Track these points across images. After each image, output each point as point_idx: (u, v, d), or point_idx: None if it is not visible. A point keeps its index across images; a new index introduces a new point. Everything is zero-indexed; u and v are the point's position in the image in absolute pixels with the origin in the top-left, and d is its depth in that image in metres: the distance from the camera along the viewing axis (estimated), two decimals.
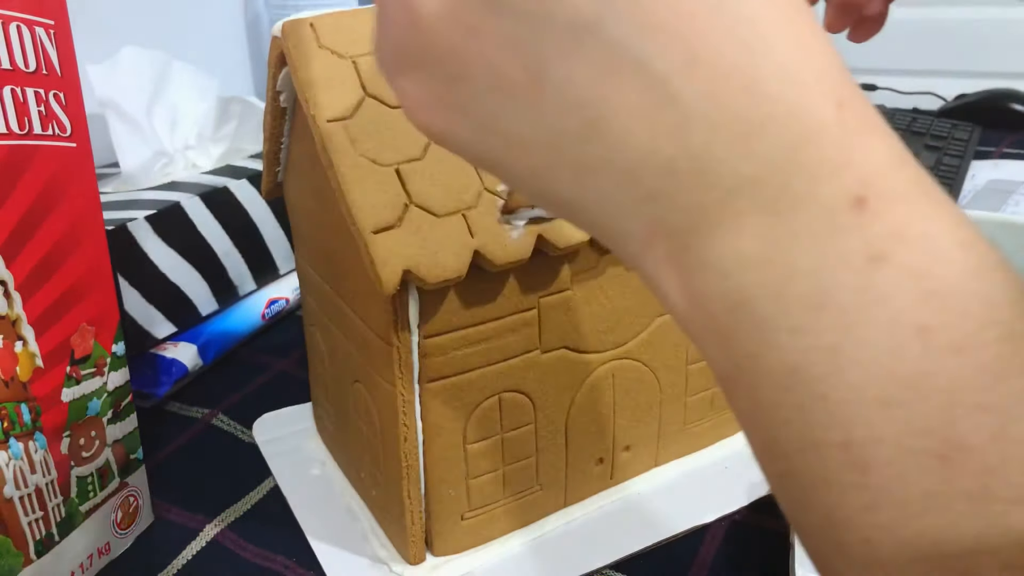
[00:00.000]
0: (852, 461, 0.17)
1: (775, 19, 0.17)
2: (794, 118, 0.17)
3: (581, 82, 0.18)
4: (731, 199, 0.17)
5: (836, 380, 0.17)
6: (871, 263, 0.16)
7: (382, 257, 0.33)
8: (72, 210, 0.37)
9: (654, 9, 0.17)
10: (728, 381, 0.19)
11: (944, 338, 0.16)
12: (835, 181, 0.17)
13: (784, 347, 0.17)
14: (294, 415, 0.53)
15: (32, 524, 0.37)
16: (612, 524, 0.43)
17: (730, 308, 0.18)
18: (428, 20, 0.19)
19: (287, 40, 0.35)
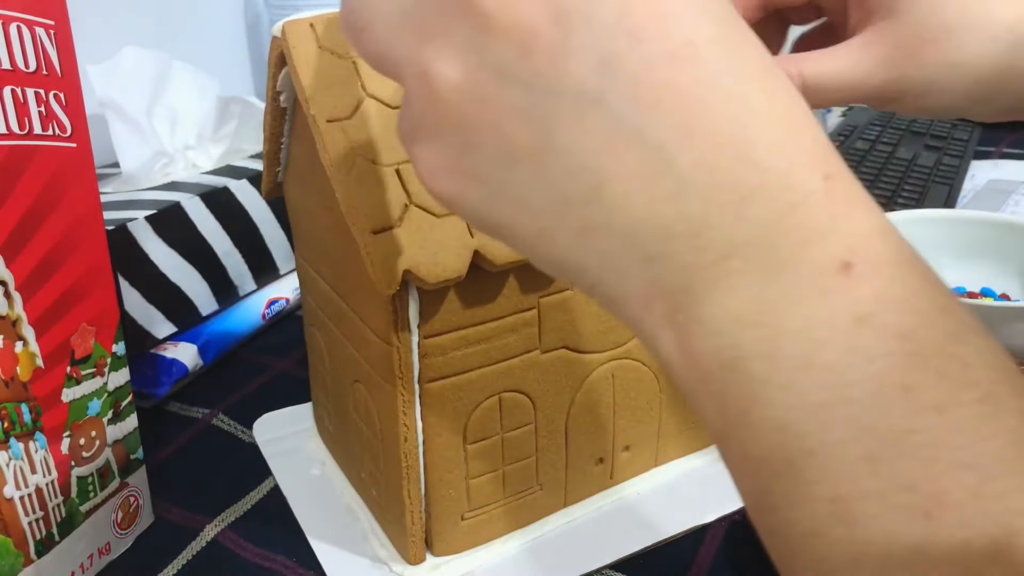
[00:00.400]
0: (840, 515, 0.17)
1: (765, 97, 0.19)
2: (784, 187, 0.18)
3: (584, 150, 0.19)
4: (724, 261, 0.18)
5: (824, 436, 0.17)
6: (857, 324, 0.17)
7: (382, 257, 0.33)
8: (72, 210, 0.37)
9: (653, 85, 0.18)
10: (722, 437, 0.20)
11: (926, 397, 0.17)
12: (822, 246, 0.18)
13: (774, 404, 0.18)
14: (294, 415, 0.53)
15: (32, 524, 0.37)
16: (612, 524, 0.43)
17: (723, 365, 0.19)
18: (444, 91, 0.20)
19: (287, 40, 0.35)
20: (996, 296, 0.60)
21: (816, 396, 0.17)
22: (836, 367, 0.17)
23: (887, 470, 0.17)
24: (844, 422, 0.17)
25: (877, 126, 0.97)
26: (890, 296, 0.17)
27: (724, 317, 0.18)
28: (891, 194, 0.79)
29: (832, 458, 0.17)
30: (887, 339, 0.17)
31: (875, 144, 0.91)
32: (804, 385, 0.18)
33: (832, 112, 1.08)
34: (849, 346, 0.17)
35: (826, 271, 0.18)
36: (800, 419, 0.18)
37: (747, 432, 0.19)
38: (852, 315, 0.17)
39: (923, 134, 0.94)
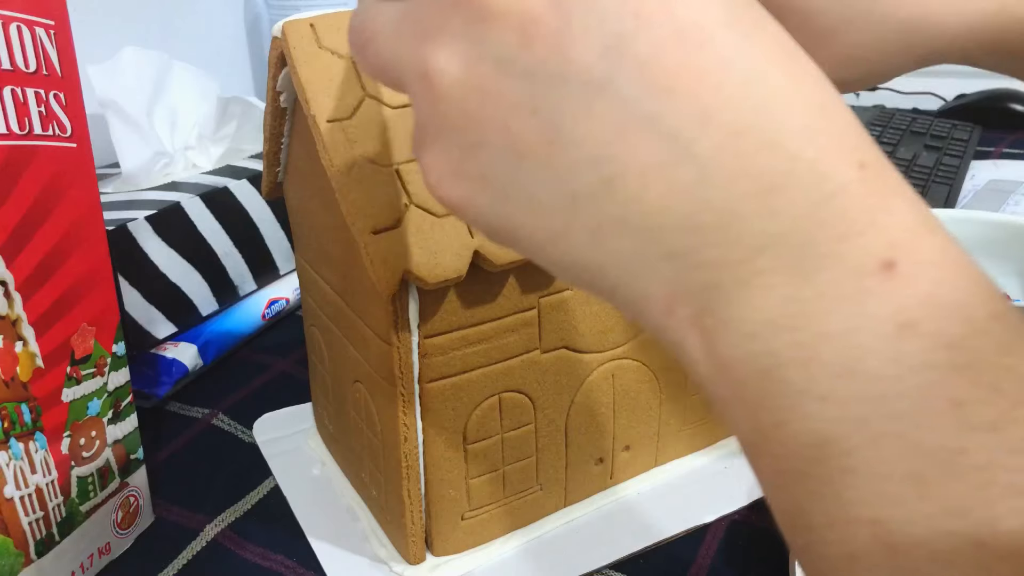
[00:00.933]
0: (881, 540, 0.16)
1: (788, 80, 0.17)
2: (815, 175, 0.16)
3: (595, 140, 0.18)
4: (755, 256, 0.17)
5: (866, 454, 0.16)
6: (902, 330, 0.16)
7: (382, 257, 0.33)
8: (72, 210, 0.37)
9: (664, 67, 0.17)
10: (753, 448, 0.18)
11: (979, 414, 0.15)
12: (861, 242, 0.16)
13: (812, 416, 0.16)
14: (294, 415, 0.53)
15: (32, 524, 0.37)
16: (612, 524, 0.43)
17: (756, 373, 0.17)
18: (444, 88, 0.19)
19: (287, 40, 0.35)
20: None
21: (858, 409, 0.16)
22: (880, 377, 0.16)
23: (935, 493, 0.15)
24: (888, 438, 0.16)
25: (877, 126, 0.97)
26: (938, 300, 0.16)
27: (757, 319, 0.17)
28: None
29: (875, 477, 0.16)
30: (936, 348, 0.16)
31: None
32: (845, 396, 0.16)
33: None
34: (894, 355, 0.16)
35: (867, 270, 0.16)
36: (841, 434, 0.16)
37: (782, 447, 0.17)
38: (896, 320, 0.16)
39: (923, 134, 0.94)
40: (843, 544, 0.17)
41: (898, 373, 0.16)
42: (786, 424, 0.17)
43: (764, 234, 0.17)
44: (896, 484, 0.16)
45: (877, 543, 0.16)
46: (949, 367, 0.16)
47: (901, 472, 0.16)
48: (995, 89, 1.05)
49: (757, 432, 0.18)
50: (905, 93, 1.12)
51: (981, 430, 0.15)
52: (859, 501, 0.16)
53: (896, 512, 0.16)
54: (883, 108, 1.08)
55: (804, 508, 0.17)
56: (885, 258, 0.16)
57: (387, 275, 0.33)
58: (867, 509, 0.16)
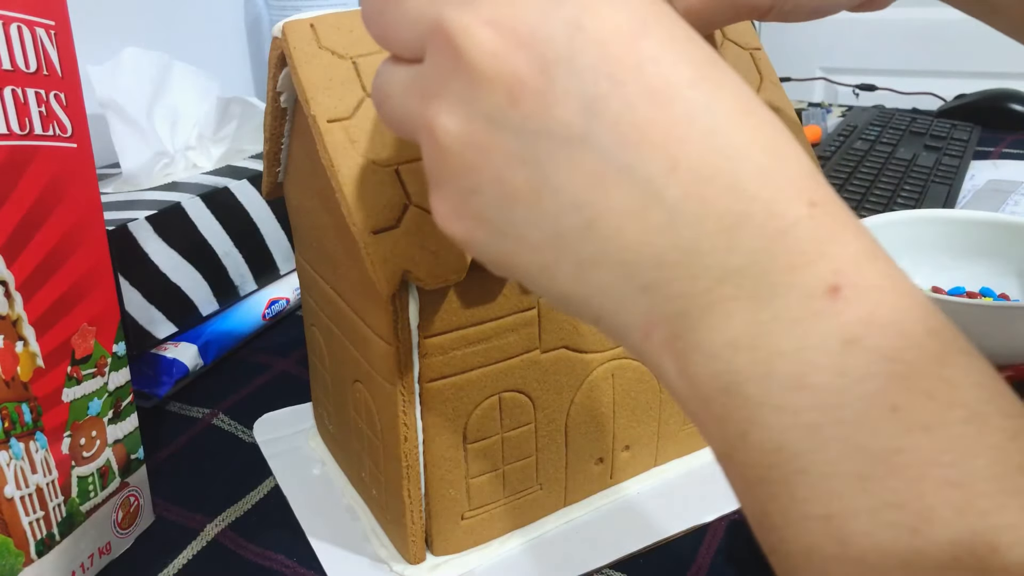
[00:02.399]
0: (833, 533, 0.18)
1: (747, 130, 0.19)
2: (770, 215, 0.19)
3: (576, 188, 0.20)
4: (717, 287, 0.19)
5: (816, 456, 0.18)
6: (846, 346, 0.18)
7: (382, 257, 0.33)
8: (73, 210, 0.37)
9: (636, 123, 0.19)
10: (724, 459, 0.20)
11: (914, 418, 0.17)
12: (810, 270, 0.18)
13: (769, 425, 0.19)
14: (294, 415, 0.53)
15: (33, 524, 0.37)
16: (612, 524, 0.43)
17: (721, 389, 0.19)
18: (445, 141, 0.21)
19: (287, 40, 0.35)
20: (996, 296, 0.60)
21: (808, 417, 0.18)
22: (827, 388, 0.18)
23: (877, 488, 0.17)
24: (835, 441, 0.18)
25: (877, 126, 0.97)
26: (878, 319, 0.18)
27: (720, 342, 0.19)
28: (891, 194, 0.79)
29: (824, 476, 0.18)
30: (876, 361, 0.18)
31: (875, 144, 0.91)
32: (797, 406, 0.18)
33: (832, 112, 1.08)
34: (839, 368, 0.18)
35: (815, 295, 0.18)
36: (794, 439, 0.18)
37: (746, 455, 0.19)
38: (841, 337, 0.18)
39: (923, 134, 0.94)
40: (800, 540, 0.19)
41: (843, 384, 0.18)
42: (748, 434, 0.19)
43: (725, 267, 0.19)
44: (842, 482, 0.18)
45: (829, 537, 0.18)
46: (888, 377, 0.18)
47: (847, 471, 0.18)
48: (995, 89, 1.05)
49: (725, 443, 0.20)
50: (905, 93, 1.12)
51: (916, 432, 0.17)
52: (811, 499, 0.18)
53: (843, 507, 0.18)
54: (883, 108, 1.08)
55: (767, 510, 0.19)
56: (831, 284, 0.18)
57: (387, 275, 0.33)
58: (819, 506, 0.18)
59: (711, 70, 0.20)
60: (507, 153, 0.21)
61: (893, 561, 0.17)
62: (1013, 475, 0.17)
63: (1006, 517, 0.16)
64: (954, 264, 0.63)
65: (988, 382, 0.18)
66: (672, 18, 0.21)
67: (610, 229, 0.20)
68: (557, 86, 0.20)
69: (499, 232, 0.22)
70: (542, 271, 0.22)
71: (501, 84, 0.20)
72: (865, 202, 0.78)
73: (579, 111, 0.20)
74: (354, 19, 0.36)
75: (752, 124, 0.20)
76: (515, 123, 0.20)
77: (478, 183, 0.21)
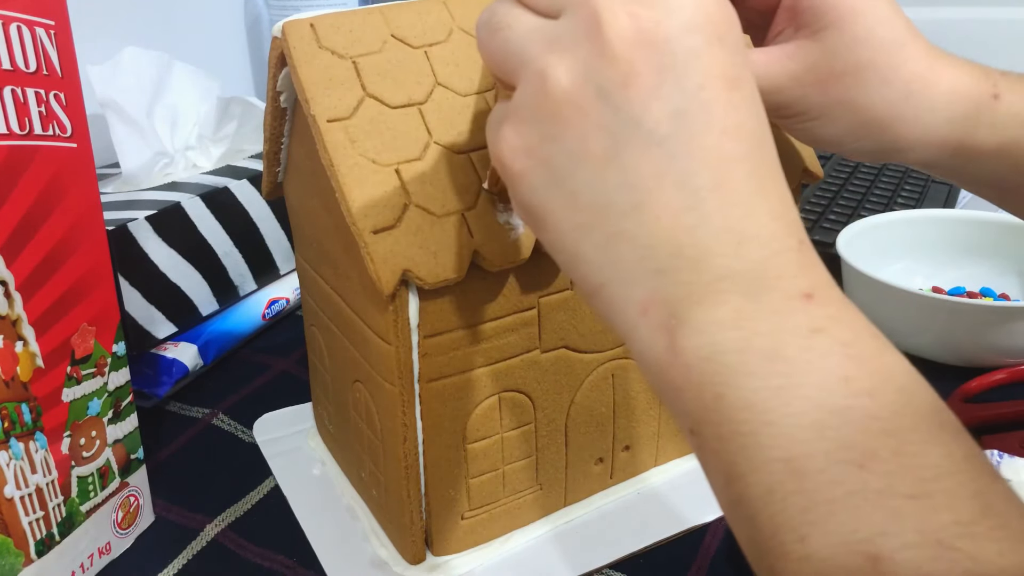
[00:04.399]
0: (792, 471, 0.22)
1: (772, 185, 0.25)
2: (772, 240, 0.24)
3: (640, 173, 0.24)
4: (717, 282, 0.23)
5: (783, 410, 0.22)
6: (812, 332, 0.23)
7: (382, 257, 0.33)
8: (73, 210, 0.37)
9: (705, 145, 0.24)
10: (699, 424, 0.24)
11: (860, 385, 0.22)
12: (792, 281, 0.23)
13: (743, 387, 0.23)
14: (294, 415, 0.53)
15: (33, 524, 0.37)
16: (612, 524, 0.43)
17: (704, 358, 0.23)
18: (553, 89, 0.25)
19: (287, 40, 0.35)
20: (996, 296, 0.60)
21: (778, 380, 0.22)
22: (796, 360, 0.22)
23: (831, 434, 0.21)
24: (798, 400, 0.22)
25: None
26: (839, 319, 0.23)
27: (708, 320, 0.23)
28: (891, 194, 0.79)
29: (787, 426, 0.22)
30: (835, 345, 0.23)
31: None
32: (768, 372, 0.22)
33: None
34: (806, 346, 0.23)
35: (793, 296, 0.23)
36: (764, 398, 0.22)
37: (720, 414, 0.23)
38: (810, 327, 0.23)
39: None
40: (763, 482, 0.22)
41: (809, 358, 0.22)
42: (724, 396, 0.23)
43: (729, 268, 0.24)
44: (803, 430, 0.22)
45: (789, 474, 0.22)
46: (843, 356, 0.22)
47: (807, 423, 0.22)
48: None
49: (701, 407, 0.23)
50: None
51: (862, 395, 0.22)
52: (776, 445, 0.22)
53: (803, 450, 0.22)
54: None
55: (735, 461, 0.23)
56: (806, 292, 0.23)
57: (387, 275, 0.33)
58: (781, 451, 0.22)
59: (763, 132, 0.25)
60: (600, 121, 0.24)
61: (841, 491, 0.21)
62: (935, 431, 0.22)
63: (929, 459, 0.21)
64: (954, 264, 0.63)
65: (913, 371, 0.23)
66: (754, 85, 0.25)
67: (651, 215, 0.24)
68: (663, 89, 0.24)
69: (555, 181, 0.25)
70: (574, 228, 0.25)
71: (622, 66, 0.24)
72: (865, 202, 0.78)
73: (669, 116, 0.24)
74: (354, 19, 0.36)
75: (775, 177, 0.25)
76: (618, 101, 0.24)
77: (562, 134, 0.25)
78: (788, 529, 0.22)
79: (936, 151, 0.35)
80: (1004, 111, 0.34)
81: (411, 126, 0.35)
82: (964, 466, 0.21)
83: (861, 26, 0.33)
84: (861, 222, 0.63)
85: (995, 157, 0.35)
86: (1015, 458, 0.41)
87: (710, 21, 0.24)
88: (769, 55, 0.34)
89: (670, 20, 0.24)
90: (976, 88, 0.34)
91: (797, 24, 0.34)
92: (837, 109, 0.34)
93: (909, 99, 0.34)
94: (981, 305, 0.52)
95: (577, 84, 0.24)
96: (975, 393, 0.52)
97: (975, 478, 0.21)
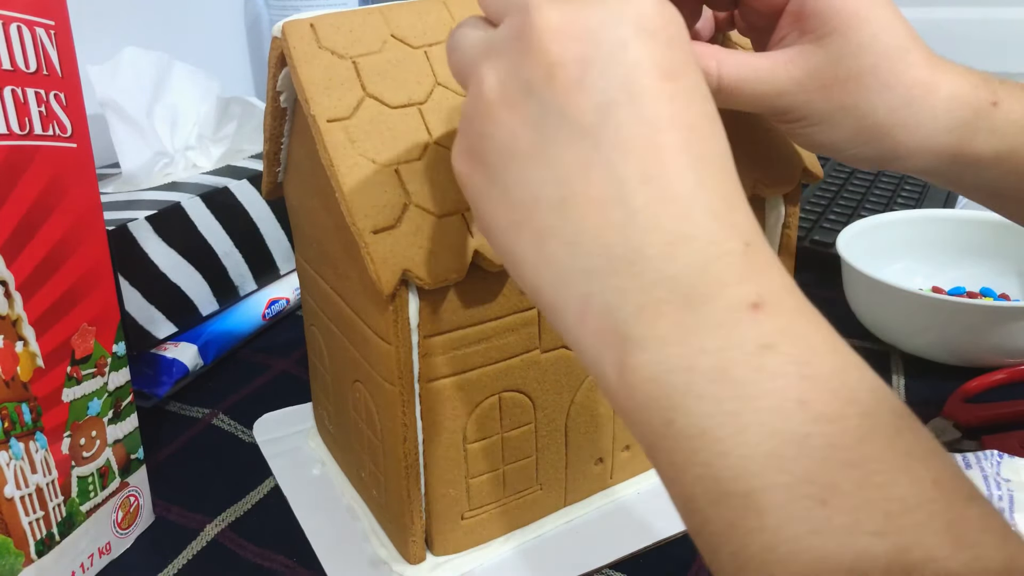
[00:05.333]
0: (752, 506, 0.20)
1: (715, 180, 0.23)
2: (710, 242, 0.22)
3: (565, 166, 0.24)
4: (652, 289, 0.22)
5: (737, 439, 0.20)
6: (762, 349, 0.21)
7: (382, 257, 0.33)
8: (73, 210, 0.37)
9: (632, 135, 0.23)
10: (652, 450, 0.22)
11: (819, 409, 0.20)
12: (736, 289, 0.22)
13: (692, 412, 0.21)
14: (294, 415, 0.53)
15: (33, 524, 0.37)
16: (612, 524, 0.43)
17: (648, 378, 0.22)
18: (487, 92, 0.25)
19: (287, 40, 0.35)
20: (996, 296, 0.60)
21: (729, 405, 0.21)
22: (745, 382, 0.21)
23: (790, 466, 0.20)
24: (753, 427, 0.20)
25: None
26: (790, 333, 0.22)
27: (649, 336, 0.22)
28: (891, 194, 0.79)
29: (743, 458, 0.20)
30: (787, 364, 0.21)
31: None
32: (718, 395, 0.21)
33: None
34: (756, 365, 0.21)
35: (738, 307, 0.22)
36: (715, 425, 0.21)
37: (671, 441, 0.22)
38: (758, 342, 0.21)
39: None
40: (724, 517, 0.21)
41: (759, 379, 0.21)
42: (673, 422, 0.21)
43: (662, 272, 0.22)
44: (759, 462, 0.20)
45: (749, 510, 0.20)
46: (797, 377, 0.21)
47: (762, 453, 0.20)
48: None
49: (652, 431, 0.22)
50: None
51: (821, 421, 0.20)
52: (733, 478, 0.20)
53: (761, 483, 0.20)
54: None
55: (693, 493, 0.21)
56: (753, 301, 0.22)
57: (387, 275, 0.33)
58: (739, 484, 0.20)
59: (709, 126, 0.24)
60: (526, 116, 0.24)
61: (804, 528, 0.19)
62: (901, 458, 0.20)
63: (896, 491, 0.19)
64: (954, 264, 0.63)
65: (880, 389, 0.21)
66: (699, 76, 0.24)
67: (577, 210, 0.23)
68: (587, 81, 0.23)
69: (492, 179, 0.25)
70: (509, 227, 0.25)
71: (546, 61, 0.24)
72: (865, 202, 0.78)
73: (594, 107, 0.23)
74: (354, 19, 0.36)
75: (718, 175, 0.23)
76: (543, 96, 0.24)
77: (494, 132, 0.25)
78: (751, 569, 0.20)
79: (934, 158, 0.35)
80: (1003, 118, 0.34)
81: (411, 126, 0.35)
82: (934, 494, 0.19)
83: (865, 32, 0.33)
84: (861, 222, 0.63)
85: (993, 164, 0.35)
86: (1015, 458, 0.41)
87: (641, 15, 0.24)
88: (773, 60, 0.33)
89: (597, 13, 0.24)
90: (975, 95, 0.34)
91: (801, 29, 0.33)
92: (839, 115, 0.34)
93: (910, 105, 0.33)
94: (981, 305, 0.52)
95: (505, 83, 0.25)
96: (975, 393, 0.52)
97: (947, 507, 0.19)
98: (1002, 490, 0.39)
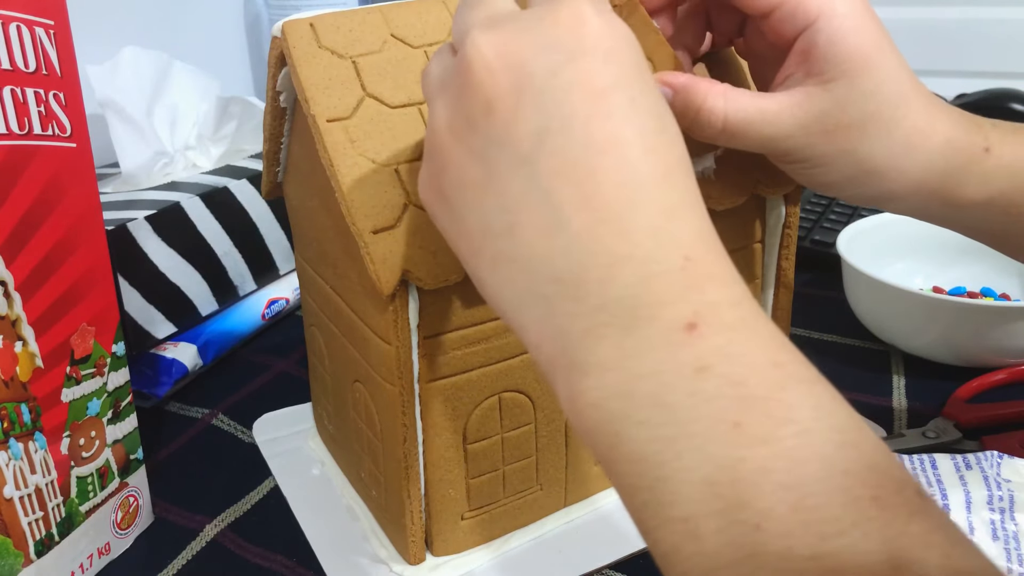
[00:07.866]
0: (691, 533, 0.20)
1: (656, 192, 0.23)
2: (647, 260, 0.22)
3: (509, 195, 0.24)
4: (595, 313, 0.22)
5: (674, 465, 0.21)
6: (698, 372, 0.21)
7: (382, 257, 0.33)
8: (72, 210, 0.37)
9: (566, 161, 0.23)
10: (606, 472, 0.23)
11: (753, 432, 0.20)
12: (672, 308, 0.22)
13: (633, 438, 0.21)
14: (294, 415, 0.53)
15: (32, 524, 0.37)
16: (612, 524, 0.43)
17: (591, 404, 0.22)
18: (436, 127, 0.26)
19: (287, 40, 0.35)
20: (996, 296, 0.60)
21: (665, 431, 0.21)
22: (680, 407, 0.21)
23: (725, 491, 0.20)
24: (689, 452, 0.21)
25: None
26: (727, 351, 0.21)
27: (592, 362, 0.22)
28: None
29: (682, 483, 0.21)
30: (723, 385, 0.21)
31: None
32: (655, 421, 0.21)
33: None
34: (692, 389, 0.21)
35: (674, 328, 0.22)
36: (654, 452, 0.21)
37: (618, 465, 0.22)
38: (694, 365, 0.21)
39: None
40: (667, 540, 0.21)
41: (693, 403, 0.21)
42: (616, 447, 0.22)
43: (604, 296, 0.22)
44: (696, 488, 0.20)
45: (688, 536, 0.20)
46: (733, 399, 0.21)
47: (700, 478, 0.20)
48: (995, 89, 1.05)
49: (601, 456, 0.23)
50: None
51: (756, 444, 0.20)
52: (673, 503, 0.21)
53: (698, 509, 0.20)
54: None
55: (642, 517, 0.22)
56: (689, 321, 0.22)
57: (387, 275, 0.33)
58: (678, 509, 0.21)
59: (652, 138, 0.24)
60: (471, 149, 0.25)
61: (742, 554, 0.20)
62: (837, 477, 0.20)
63: (831, 512, 0.19)
64: (954, 264, 0.63)
65: (824, 403, 0.21)
66: (644, 86, 0.24)
67: (524, 238, 0.24)
68: (522, 111, 0.24)
69: (451, 210, 0.26)
70: (470, 254, 0.26)
71: (483, 94, 0.25)
72: None
73: (530, 135, 0.24)
74: (354, 19, 0.36)
75: (662, 184, 0.23)
76: (484, 128, 0.25)
77: (446, 165, 0.26)
78: None
79: (927, 201, 0.35)
80: (993, 164, 0.34)
81: (411, 126, 0.35)
82: (873, 512, 0.19)
83: (872, 80, 0.32)
84: (861, 222, 0.62)
85: (984, 208, 0.35)
86: (1015, 458, 0.41)
87: (574, 35, 0.24)
88: (779, 103, 0.33)
89: (530, 41, 0.24)
90: (969, 140, 0.34)
91: (807, 70, 0.33)
92: (840, 159, 0.34)
93: (908, 152, 0.34)
94: (981, 305, 0.52)
95: (452, 118, 0.26)
96: (975, 393, 0.52)
97: (885, 525, 0.19)
98: (1002, 490, 0.39)
